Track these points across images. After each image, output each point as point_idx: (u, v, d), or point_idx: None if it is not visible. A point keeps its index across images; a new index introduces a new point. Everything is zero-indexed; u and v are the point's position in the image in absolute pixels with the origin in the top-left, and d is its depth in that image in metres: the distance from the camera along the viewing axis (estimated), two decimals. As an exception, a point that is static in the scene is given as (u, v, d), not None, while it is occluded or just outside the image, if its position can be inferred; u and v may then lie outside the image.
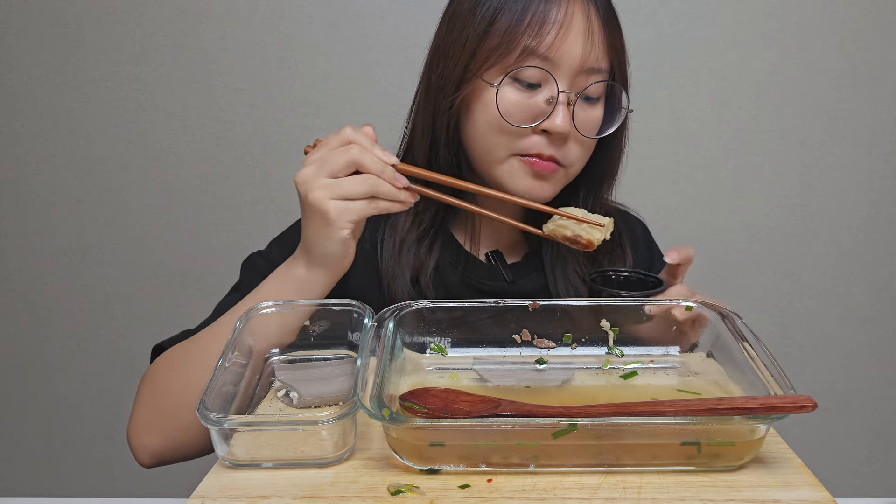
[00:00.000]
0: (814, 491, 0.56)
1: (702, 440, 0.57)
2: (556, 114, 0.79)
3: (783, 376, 0.60)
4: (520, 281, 0.93)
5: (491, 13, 0.78)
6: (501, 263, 0.93)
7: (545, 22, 0.77)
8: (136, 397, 0.79)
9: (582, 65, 0.79)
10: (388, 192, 0.73)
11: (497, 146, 0.82)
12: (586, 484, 0.56)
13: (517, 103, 0.80)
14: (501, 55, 0.78)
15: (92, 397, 1.73)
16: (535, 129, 0.81)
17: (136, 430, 0.77)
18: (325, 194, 0.71)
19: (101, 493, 1.81)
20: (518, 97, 0.80)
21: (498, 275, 0.93)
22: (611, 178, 0.93)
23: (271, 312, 0.72)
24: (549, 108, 0.79)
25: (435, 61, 0.85)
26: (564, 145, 0.82)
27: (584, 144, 0.84)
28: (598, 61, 0.80)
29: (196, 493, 0.56)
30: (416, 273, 0.88)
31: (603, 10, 0.81)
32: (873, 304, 1.69)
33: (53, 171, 1.61)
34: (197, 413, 0.57)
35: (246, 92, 1.56)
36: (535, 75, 0.79)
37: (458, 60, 0.81)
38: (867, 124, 1.58)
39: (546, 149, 0.81)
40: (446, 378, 0.71)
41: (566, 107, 0.79)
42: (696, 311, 0.74)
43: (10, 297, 1.69)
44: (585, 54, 0.79)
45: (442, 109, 0.84)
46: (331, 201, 0.71)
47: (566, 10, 0.78)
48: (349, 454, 0.61)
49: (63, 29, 1.53)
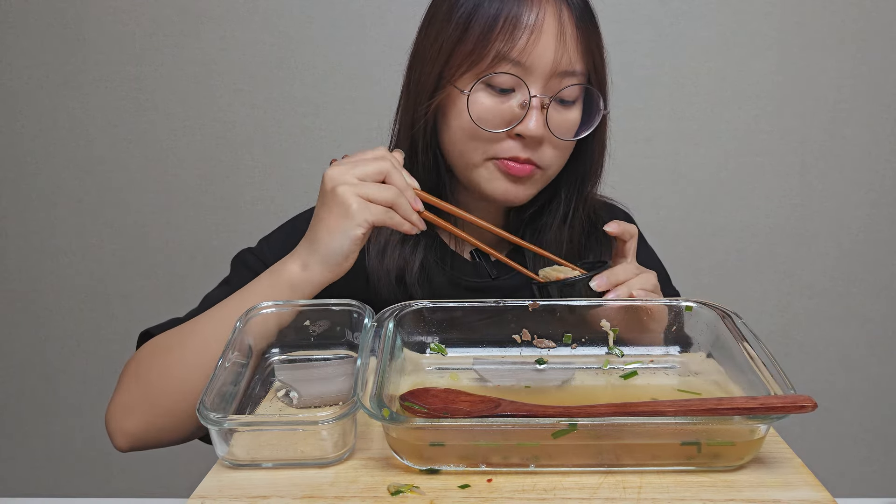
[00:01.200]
0: (814, 491, 0.56)
1: (702, 440, 0.57)
2: (530, 118, 0.79)
3: (783, 376, 0.61)
4: (503, 277, 0.94)
5: (465, 18, 0.79)
6: (485, 261, 0.95)
7: (517, 26, 0.77)
8: (118, 381, 0.80)
9: (554, 68, 0.79)
10: (405, 209, 0.75)
11: (473, 151, 0.83)
12: (586, 484, 0.56)
13: (490, 109, 0.80)
14: (474, 62, 0.79)
15: (92, 397, 1.73)
16: (510, 134, 0.81)
17: (115, 414, 0.79)
18: (353, 190, 0.73)
19: (101, 493, 1.81)
20: (491, 103, 0.80)
21: (482, 272, 0.94)
22: (593, 178, 0.93)
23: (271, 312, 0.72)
24: (522, 112, 0.80)
25: (413, 65, 0.87)
26: (540, 148, 0.82)
27: (560, 146, 0.84)
28: (572, 64, 0.80)
29: (196, 493, 0.56)
30: (402, 272, 0.89)
31: (578, 12, 0.81)
32: (873, 304, 1.69)
33: (53, 171, 1.61)
34: (197, 413, 0.57)
35: (246, 92, 1.56)
36: (507, 81, 0.79)
37: (434, 66, 0.82)
38: (867, 124, 1.58)
39: (521, 152, 0.82)
40: (446, 378, 0.71)
41: (540, 111, 0.80)
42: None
43: (10, 297, 1.69)
44: (557, 58, 0.79)
45: (419, 115, 0.85)
46: (356, 196, 0.73)
47: (538, 14, 0.78)
48: (349, 454, 0.61)
49: (63, 29, 1.53)
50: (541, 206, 0.93)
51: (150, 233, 1.64)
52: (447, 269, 0.93)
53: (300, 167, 1.59)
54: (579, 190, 0.93)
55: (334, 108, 1.56)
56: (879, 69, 1.55)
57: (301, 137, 1.58)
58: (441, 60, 0.81)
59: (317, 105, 1.57)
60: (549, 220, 0.93)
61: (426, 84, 0.83)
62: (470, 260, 0.95)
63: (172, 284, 1.66)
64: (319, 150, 1.59)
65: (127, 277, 1.67)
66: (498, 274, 0.94)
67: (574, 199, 0.92)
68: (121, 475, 1.80)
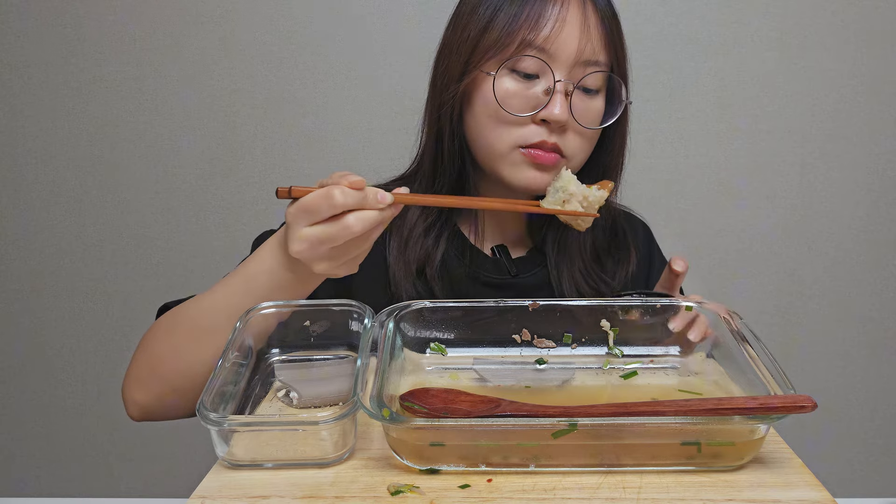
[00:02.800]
0: (814, 491, 0.56)
1: (702, 440, 0.57)
2: (555, 103, 0.81)
3: (783, 376, 0.61)
4: (523, 275, 0.95)
5: (491, 11, 0.82)
6: (506, 257, 0.95)
7: (542, 16, 0.80)
8: (134, 352, 0.81)
9: (578, 56, 0.81)
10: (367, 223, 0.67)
11: (498, 138, 0.84)
12: (586, 484, 0.56)
13: (515, 93, 0.82)
14: (500, 48, 0.81)
15: (92, 397, 1.73)
16: (535, 119, 0.83)
17: (128, 385, 0.80)
18: (330, 266, 0.69)
19: (101, 494, 1.81)
20: (516, 87, 0.82)
21: (502, 268, 0.94)
22: (614, 171, 0.93)
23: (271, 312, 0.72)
24: (546, 98, 0.81)
25: (440, 59, 0.89)
26: (564, 135, 0.84)
27: (584, 136, 0.85)
28: (595, 54, 0.83)
29: (196, 493, 0.56)
30: (423, 264, 0.90)
31: (601, 7, 0.84)
32: (874, 304, 1.69)
33: (53, 171, 1.61)
34: (197, 413, 0.57)
35: (246, 92, 1.56)
36: (532, 66, 0.81)
37: (461, 56, 0.84)
38: (868, 124, 1.58)
39: (548, 137, 0.83)
40: (446, 378, 0.71)
41: (564, 96, 0.81)
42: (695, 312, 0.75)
43: (10, 297, 1.69)
44: (581, 46, 0.81)
45: (445, 102, 0.86)
46: (339, 269, 0.70)
47: (562, 5, 0.81)
48: (349, 454, 0.61)
49: (63, 29, 1.53)
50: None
51: (150, 233, 1.64)
52: (467, 263, 0.93)
53: (300, 167, 1.59)
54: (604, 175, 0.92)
55: (334, 108, 1.56)
56: (880, 69, 1.55)
57: (301, 137, 1.58)
58: (468, 49, 0.84)
59: (317, 105, 1.57)
60: None
61: (454, 72, 0.85)
62: (491, 256, 0.95)
63: (172, 284, 1.66)
64: (319, 150, 1.59)
65: (127, 277, 1.67)
66: (518, 271, 0.95)
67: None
68: (121, 475, 1.80)
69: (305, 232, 0.66)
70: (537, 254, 0.97)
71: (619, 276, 0.96)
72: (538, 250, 0.97)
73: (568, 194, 0.81)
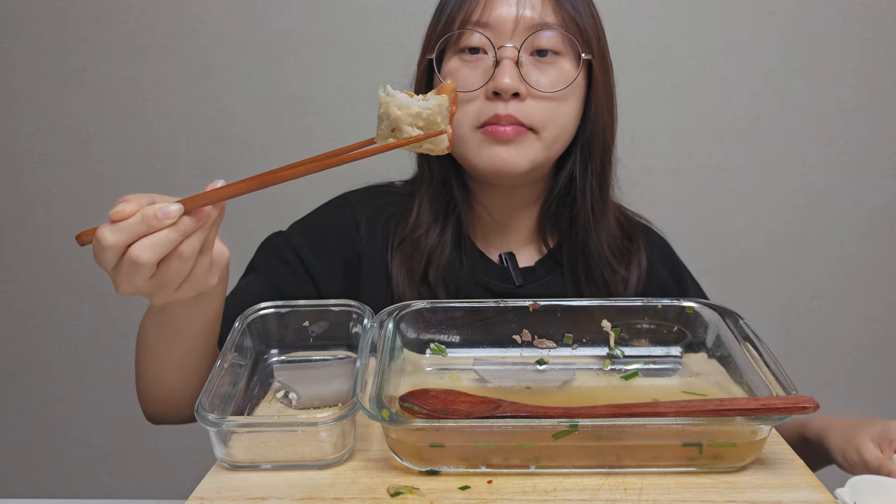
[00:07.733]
0: (815, 492, 0.55)
1: (703, 441, 0.57)
2: (501, 71, 0.79)
3: (785, 377, 0.60)
4: (529, 285, 0.90)
5: (440, 7, 0.86)
6: (512, 266, 0.91)
7: None
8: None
9: (521, 23, 0.80)
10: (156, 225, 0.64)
11: (457, 123, 0.81)
12: (587, 485, 0.56)
13: (461, 70, 0.82)
14: (446, 36, 0.83)
15: (92, 397, 1.73)
16: (487, 95, 0.81)
17: (137, 392, 0.80)
18: (168, 294, 0.64)
19: (99, 495, 1.80)
20: (464, 66, 0.82)
21: (508, 277, 0.90)
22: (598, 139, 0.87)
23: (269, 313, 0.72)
24: (494, 69, 0.80)
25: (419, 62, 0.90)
26: (523, 104, 0.80)
27: (547, 101, 0.81)
28: (543, 17, 0.80)
29: (194, 494, 0.56)
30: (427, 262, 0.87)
31: None
32: (876, 305, 1.68)
33: (53, 171, 1.61)
34: (195, 414, 0.57)
35: (246, 92, 1.56)
36: (474, 41, 0.81)
37: (424, 58, 0.87)
38: (869, 124, 1.58)
39: (504, 109, 0.80)
40: (446, 379, 0.71)
41: (513, 64, 0.79)
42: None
43: (10, 297, 1.69)
44: (520, 12, 0.80)
45: None
46: (181, 292, 0.64)
47: None
48: (348, 455, 0.60)
49: (63, 29, 1.53)
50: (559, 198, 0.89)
51: (150, 233, 1.64)
52: (472, 268, 0.89)
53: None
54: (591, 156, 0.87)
55: (334, 108, 1.56)
56: (881, 69, 1.55)
57: (301, 137, 1.58)
58: (426, 44, 0.86)
59: (317, 105, 1.56)
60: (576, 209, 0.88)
61: (421, 75, 0.87)
62: (497, 263, 0.92)
63: (172, 284, 1.66)
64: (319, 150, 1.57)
65: (127, 277, 1.66)
66: (523, 282, 0.90)
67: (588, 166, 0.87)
68: (120, 476, 1.79)
69: (113, 275, 0.63)
70: (548, 263, 0.92)
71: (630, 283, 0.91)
72: (550, 259, 0.92)
73: (393, 120, 0.65)
